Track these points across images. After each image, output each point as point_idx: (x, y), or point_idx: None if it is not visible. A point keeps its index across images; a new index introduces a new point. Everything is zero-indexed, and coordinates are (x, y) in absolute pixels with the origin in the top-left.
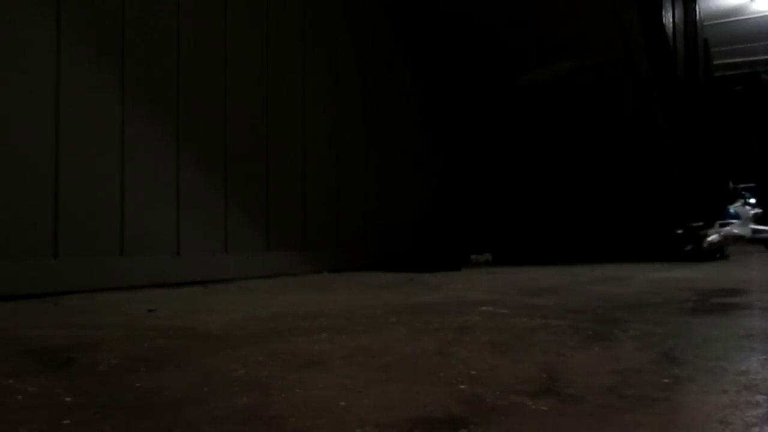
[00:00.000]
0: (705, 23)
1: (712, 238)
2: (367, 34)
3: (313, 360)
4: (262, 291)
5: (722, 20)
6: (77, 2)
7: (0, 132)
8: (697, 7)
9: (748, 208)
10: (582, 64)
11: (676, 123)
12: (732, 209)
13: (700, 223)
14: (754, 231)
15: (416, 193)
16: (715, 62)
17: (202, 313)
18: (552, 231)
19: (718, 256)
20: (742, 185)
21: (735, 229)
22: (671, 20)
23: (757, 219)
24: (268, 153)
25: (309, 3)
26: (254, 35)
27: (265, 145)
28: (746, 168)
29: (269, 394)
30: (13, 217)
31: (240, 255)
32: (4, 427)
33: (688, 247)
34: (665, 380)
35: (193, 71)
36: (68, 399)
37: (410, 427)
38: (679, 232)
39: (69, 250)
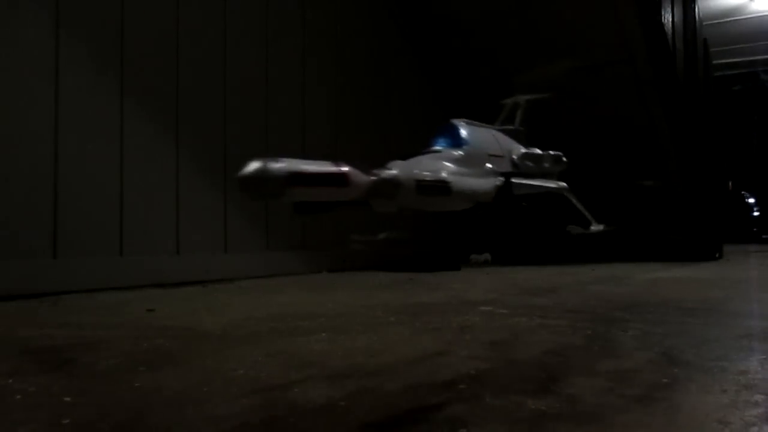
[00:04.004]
0: (704, 23)
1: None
2: (369, 36)
3: (313, 360)
4: (262, 291)
5: (722, 20)
6: (76, 2)
7: None
8: (696, 7)
9: (511, 140)
10: (580, 64)
11: (675, 122)
12: (463, 127)
13: None
14: (506, 186)
15: None
16: (715, 62)
17: (201, 313)
18: (552, 231)
19: (717, 255)
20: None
21: (428, 166)
22: (670, 20)
23: (528, 160)
24: (268, 152)
25: (309, 5)
26: (254, 38)
27: (265, 144)
28: (746, 168)
29: (269, 394)
30: (13, 217)
31: (240, 255)
32: (4, 427)
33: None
34: (664, 380)
35: (192, 71)
36: (68, 399)
37: (410, 427)
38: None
39: (68, 250)
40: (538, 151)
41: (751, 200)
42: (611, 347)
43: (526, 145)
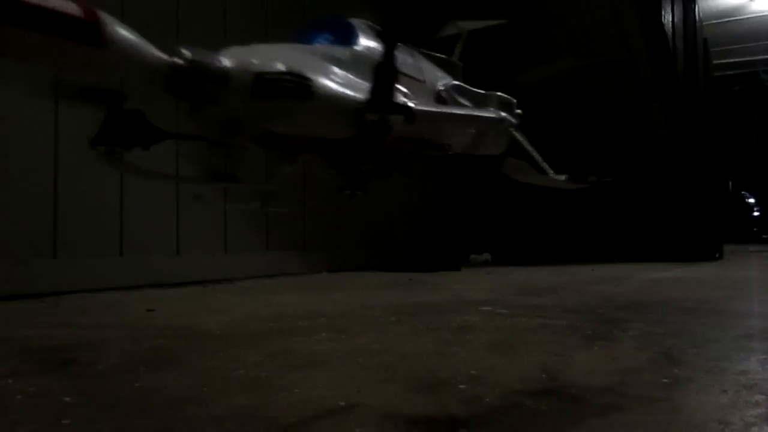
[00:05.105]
0: (705, 23)
1: None
2: None
3: (313, 360)
4: (262, 291)
5: (722, 20)
6: None
7: None
8: (696, 7)
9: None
10: (582, 64)
11: (675, 122)
12: (363, 29)
13: None
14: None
15: (416, 193)
16: (715, 62)
17: (201, 313)
18: (552, 231)
19: (717, 255)
20: None
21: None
22: (671, 20)
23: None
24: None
25: (308, 6)
26: (255, 38)
27: None
28: (746, 168)
29: (269, 394)
30: (13, 218)
31: (240, 255)
32: (4, 427)
33: None
34: (665, 380)
35: None
36: (68, 399)
37: (410, 427)
38: None
39: (69, 250)
40: (480, 90)
41: (751, 200)
42: (612, 347)
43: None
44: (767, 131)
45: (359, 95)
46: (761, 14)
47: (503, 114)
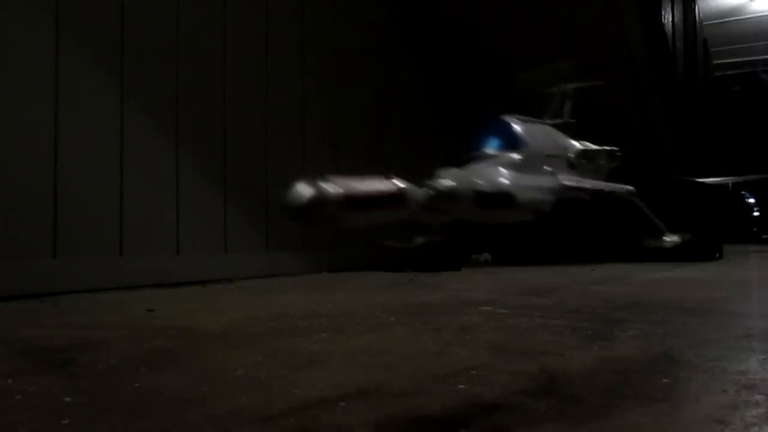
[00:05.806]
0: (704, 23)
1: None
2: (368, 37)
3: (313, 360)
4: (262, 291)
5: (722, 20)
6: (76, 2)
7: None
8: (696, 7)
9: (568, 140)
10: (581, 64)
11: (675, 122)
12: (518, 125)
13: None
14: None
15: None
16: (715, 62)
17: (201, 313)
18: (552, 231)
19: (717, 255)
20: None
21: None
22: (671, 20)
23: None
24: (267, 153)
25: (308, 6)
26: (254, 35)
27: (264, 145)
28: (746, 168)
29: (269, 394)
30: (13, 218)
31: (239, 255)
32: (3, 427)
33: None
34: (665, 380)
35: (192, 73)
36: (68, 399)
37: (410, 427)
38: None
39: (68, 250)
40: (594, 147)
41: (751, 200)
42: (612, 347)
43: (576, 139)
44: (767, 131)
45: (540, 197)
46: (761, 14)
47: (629, 187)
